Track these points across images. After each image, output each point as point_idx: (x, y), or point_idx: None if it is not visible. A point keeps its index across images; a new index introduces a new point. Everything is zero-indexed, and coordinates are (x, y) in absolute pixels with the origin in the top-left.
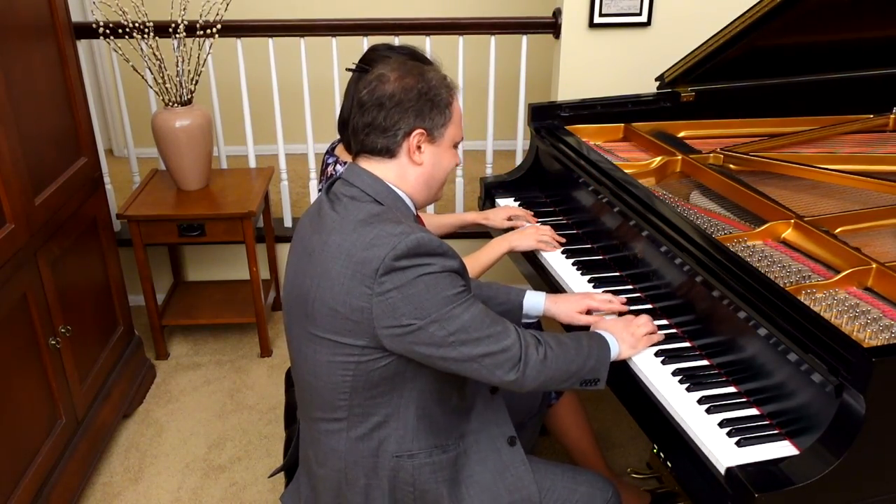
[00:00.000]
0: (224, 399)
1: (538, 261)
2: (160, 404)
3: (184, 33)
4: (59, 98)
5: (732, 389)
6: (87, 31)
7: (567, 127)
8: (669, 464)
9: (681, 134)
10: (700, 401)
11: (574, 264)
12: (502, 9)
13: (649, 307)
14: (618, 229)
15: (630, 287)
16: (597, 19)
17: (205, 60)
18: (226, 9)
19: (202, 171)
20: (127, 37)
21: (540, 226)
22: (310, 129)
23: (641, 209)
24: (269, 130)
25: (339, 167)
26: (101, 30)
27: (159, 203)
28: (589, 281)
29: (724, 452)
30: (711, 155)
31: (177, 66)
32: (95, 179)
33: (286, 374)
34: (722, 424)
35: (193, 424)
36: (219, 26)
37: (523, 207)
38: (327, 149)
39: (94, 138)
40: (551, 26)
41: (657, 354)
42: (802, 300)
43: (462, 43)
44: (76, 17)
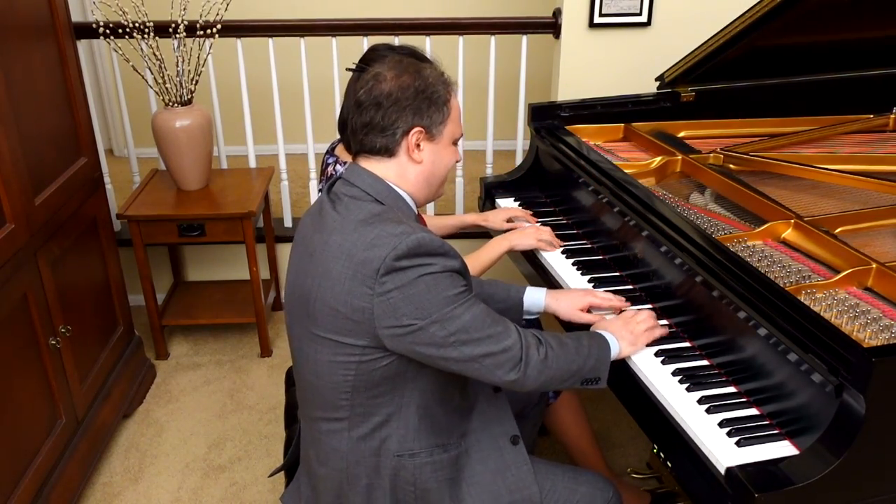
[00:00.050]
0: (224, 399)
1: (538, 261)
2: (160, 404)
3: (184, 33)
4: (59, 98)
5: (732, 389)
6: (87, 31)
7: (567, 127)
8: (669, 464)
9: (681, 134)
10: (700, 401)
11: (574, 264)
12: (502, 9)
13: (649, 307)
14: (618, 229)
15: (630, 287)
16: (597, 19)
17: (205, 60)
18: (226, 9)
19: (202, 171)
20: (127, 37)
21: (540, 226)
22: (310, 129)
23: (641, 209)
24: (269, 130)
25: (339, 167)
26: (101, 30)
27: (159, 203)
28: (589, 281)
29: (724, 452)
30: (711, 155)
31: (177, 66)
32: (95, 179)
33: (286, 374)
34: (722, 424)
35: (193, 424)
36: (219, 26)
37: (523, 207)
38: (327, 149)
39: (94, 138)
40: (551, 26)
41: (657, 354)
42: (802, 300)
43: (462, 43)
44: (76, 17)
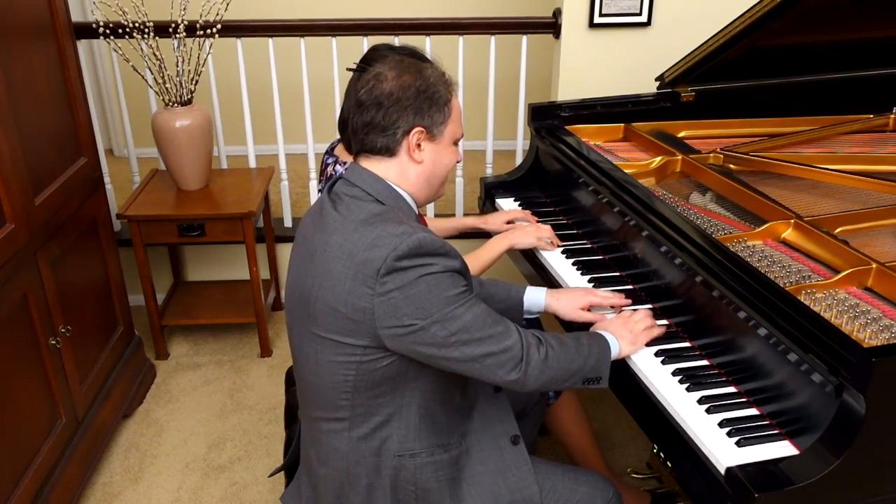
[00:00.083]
0: (224, 399)
1: (538, 261)
2: (160, 404)
3: (184, 33)
4: (59, 98)
5: (732, 389)
6: (87, 31)
7: (567, 127)
8: (669, 464)
9: (681, 134)
10: (700, 401)
11: (574, 264)
12: (502, 9)
13: (649, 307)
14: (618, 229)
15: (630, 287)
16: (597, 19)
17: (205, 60)
18: (226, 9)
19: (202, 171)
20: (127, 37)
21: (540, 224)
22: (310, 129)
23: (641, 209)
24: (269, 130)
25: (339, 167)
26: (101, 30)
27: (159, 203)
28: (589, 281)
29: (724, 452)
30: (711, 155)
31: (177, 66)
32: (95, 179)
33: (286, 374)
34: (722, 424)
35: (193, 424)
36: (219, 26)
37: (523, 207)
38: (326, 149)
39: (94, 138)
40: (551, 26)
41: (657, 354)
42: (802, 300)
43: (462, 43)
44: (76, 17)
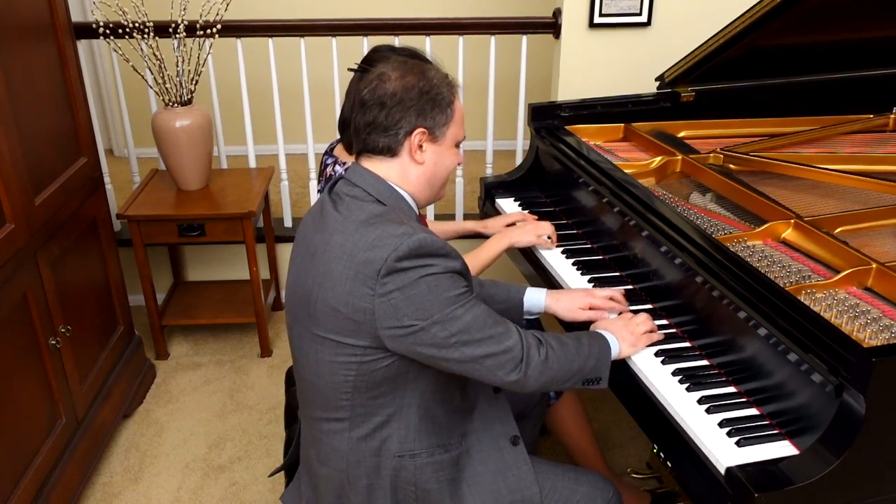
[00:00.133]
0: (224, 399)
1: (538, 261)
2: (160, 404)
3: (184, 33)
4: (59, 98)
5: (732, 389)
6: (87, 31)
7: (567, 127)
8: (669, 464)
9: (681, 134)
10: (700, 401)
11: (574, 264)
12: (502, 9)
13: (649, 307)
14: (618, 229)
15: (630, 287)
16: (597, 19)
17: (205, 60)
18: (226, 9)
19: (202, 171)
20: (127, 37)
21: (540, 222)
22: (310, 129)
23: (641, 209)
24: (269, 130)
25: (339, 167)
26: (101, 30)
27: (159, 203)
28: (589, 281)
29: (724, 452)
30: (711, 155)
31: (177, 66)
32: (95, 179)
33: (286, 374)
34: (722, 424)
35: (193, 424)
36: (219, 26)
37: (523, 208)
38: (326, 149)
39: (94, 138)
40: (551, 26)
41: (657, 354)
42: (802, 300)
43: (462, 43)
44: (76, 17)
